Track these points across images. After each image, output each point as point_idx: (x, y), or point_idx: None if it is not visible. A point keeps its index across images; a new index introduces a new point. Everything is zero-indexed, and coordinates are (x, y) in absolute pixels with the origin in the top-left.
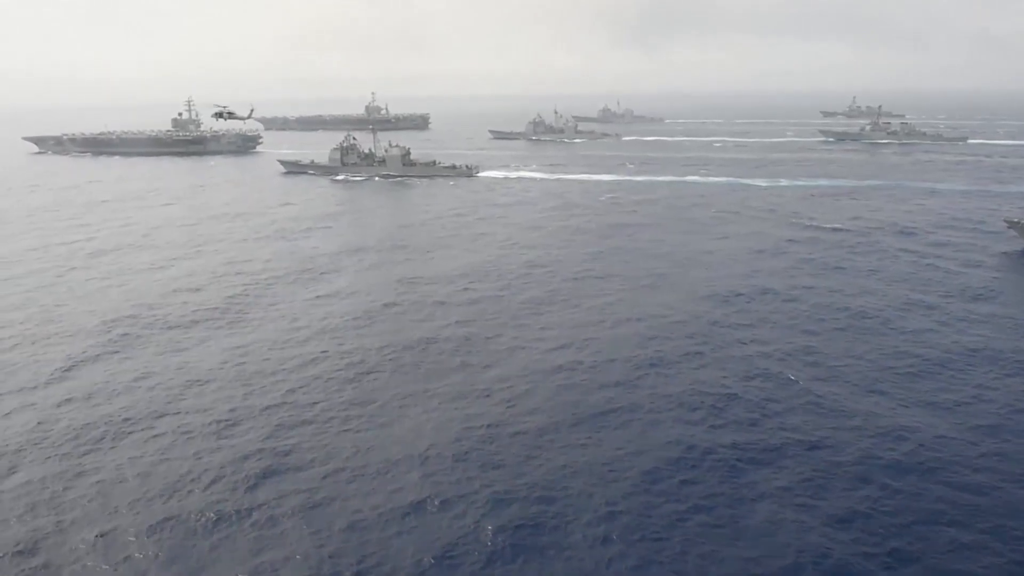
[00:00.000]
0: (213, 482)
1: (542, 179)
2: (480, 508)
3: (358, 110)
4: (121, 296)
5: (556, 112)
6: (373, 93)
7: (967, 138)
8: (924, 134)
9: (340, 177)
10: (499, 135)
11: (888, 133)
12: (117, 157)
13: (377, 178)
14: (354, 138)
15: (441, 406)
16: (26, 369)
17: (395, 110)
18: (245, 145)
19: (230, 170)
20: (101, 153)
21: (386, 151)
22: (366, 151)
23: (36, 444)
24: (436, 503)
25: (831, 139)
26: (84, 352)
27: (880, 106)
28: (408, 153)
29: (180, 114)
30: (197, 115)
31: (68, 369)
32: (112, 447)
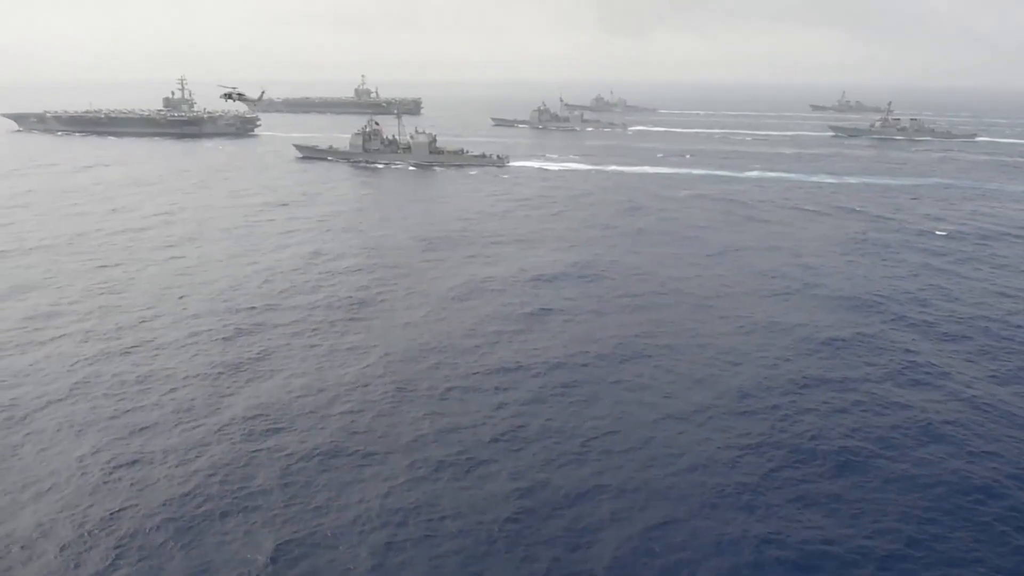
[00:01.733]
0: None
1: (582, 170)
2: None
3: (347, 93)
4: (239, 293)
5: (561, 101)
6: (363, 76)
7: (976, 135)
8: (933, 131)
9: (365, 164)
10: (501, 123)
11: (898, 130)
12: (109, 137)
13: (396, 164)
14: (376, 123)
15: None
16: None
17: (385, 94)
18: (244, 127)
19: (240, 154)
20: (88, 133)
21: (412, 137)
22: (390, 137)
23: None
24: None
25: (842, 135)
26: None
27: (890, 102)
28: (434, 140)
29: (172, 93)
30: (191, 95)
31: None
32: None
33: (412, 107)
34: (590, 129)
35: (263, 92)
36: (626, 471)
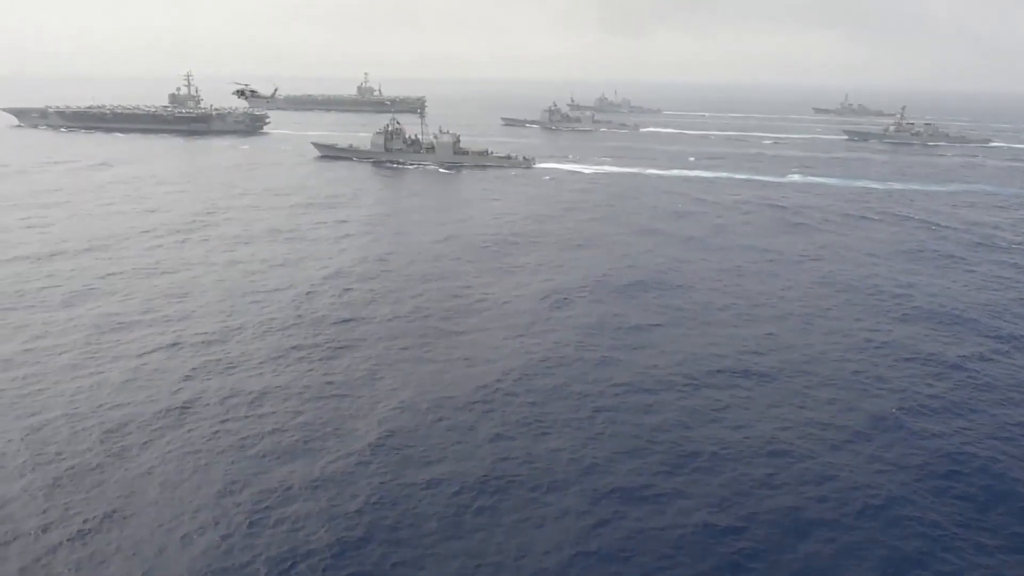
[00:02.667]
0: None
1: (615, 173)
2: None
3: (349, 91)
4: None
5: (572, 101)
6: (366, 73)
7: (990, 140)
8: (948, 135)
9: (388, 163)
10: (512, 122)
11: (912, 134)
12: (116, 134)
13: (419, 165)
14: (398, 122)
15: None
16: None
17: (388, 91)
18: (253, 125)
19: (257, 152)
20: (93, 129)
21: (435, 137)
22: (412, 137)
23: None
24: None
25: (856, 138)
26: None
27: (904, 107)
28: (458, 140)
29: (178, 89)
30: (197, 91)
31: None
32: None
33: (416, 105)
34: (604, 130)
35: (276, 89)
36: (816, 499)
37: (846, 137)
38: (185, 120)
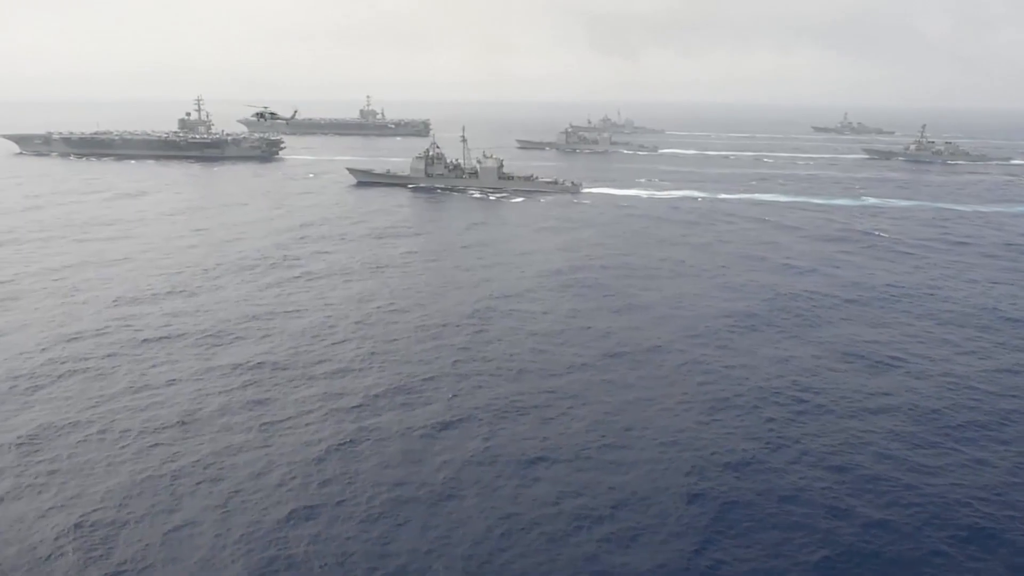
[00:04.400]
0: None
1: (673, 198)
2: None
3: (351, 114)
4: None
5: (590, 121)
6: (368, 96)
7: (1011, 158)
8: (968, 154)
9: (428, 189)
10: (527, 145)
11: (933, 152)
12: (129, 161)
13: (462, 191)
14: (438, 147)
15: None
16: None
17: (391, 115)
18: (269, 150)
19: (288, 179)
20: (100, 156)
21: (479, 162)
22: (454, 161)
23: None
24: None
25: (876, 156)
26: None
27: (924, 125)
28: (502, 165)
29: (188, 114)
30: (208, 116)
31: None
32: None
33: (421, 128)
34: (628, 152)
35: (296, 111)
36: None
37: (866, 156)
38: (198, 146)
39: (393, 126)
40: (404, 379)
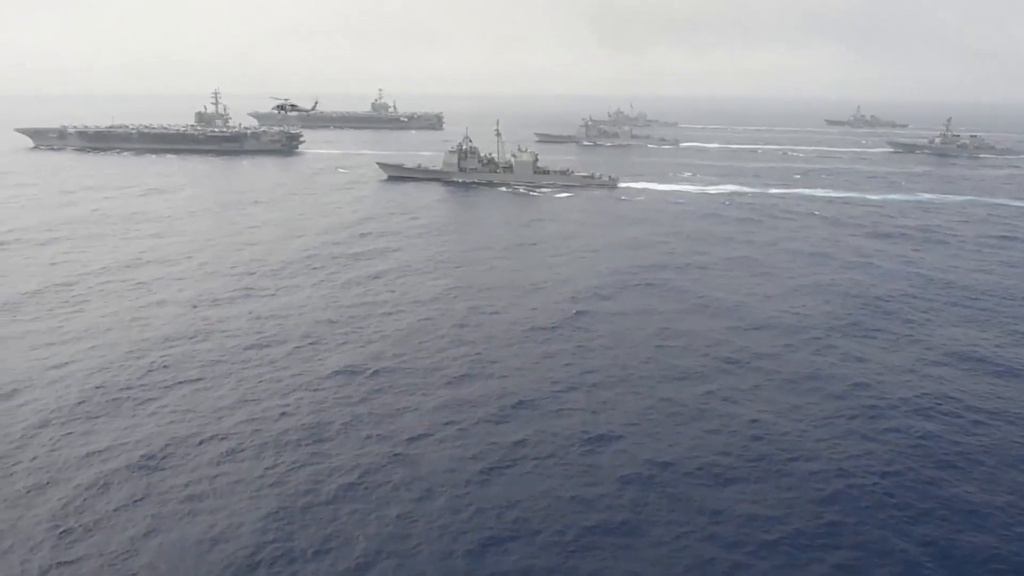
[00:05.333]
0: None
1: (720, 193)
2: None
3: (363, 107)
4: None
5: (610, 115)
6: (380, 90)
7: None
8: (994, 148)
9: (462, 184)
10: (547, 138)
11: (958, 146)
12: (148, 155)
13: (489, 186)
14: (471, 140)
15: None
16: None
17: (403, 108)
18: (289, 144)
19: (317, 174)
20: (118, 150)
21: (514, 156)
22: (487, 156)
23: None
24: None
25: (901, 150)
26: None
27: (950, 118)
28: (536, 159)
29: (205, 108)
30: (225, 110)
31: None
32: None
33: (434, 122)
34: (652, 146)
35: (316, 103)
36: None
37: (891, 149)
38: (217, 140)
39: (406, 119)
40: (535, 388)
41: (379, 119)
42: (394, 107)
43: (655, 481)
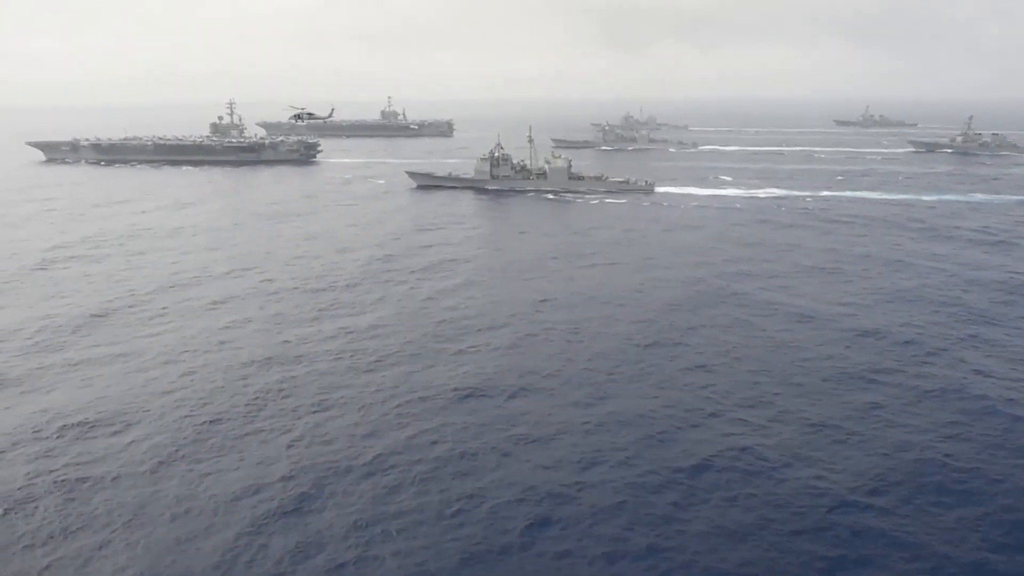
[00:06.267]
0: None
1: (770, 197)
2: None
3: (372, 115)
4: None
5: (628, 117)
6: (389, 97)
7: None
8: (1015, 146)
9: (495, 191)
10: (562, 144)
11: (980, 144)
12: (164, 167)
13: (525, 193)
14: (502, 147)
15: None
16: None
17: (413, 115)
18: (307, 153)
19: (345, 183)
20: (129, 162)
21: (547, 163)
22: (520, 163)
23: None
24: None
25: (923, 150)
26: None
27: (971, 116)
28: (570, 165)
29: (220, 118)
30: (240, 119)
31: None
32: None
33: (445, 129)
34: (672, 150)
35: (332, 110)
36: None
37: (912, 149)
38: (234, 150)
39: (416, 127)
40: (688, 409)
41: (390, 127)
42: (403, 115)
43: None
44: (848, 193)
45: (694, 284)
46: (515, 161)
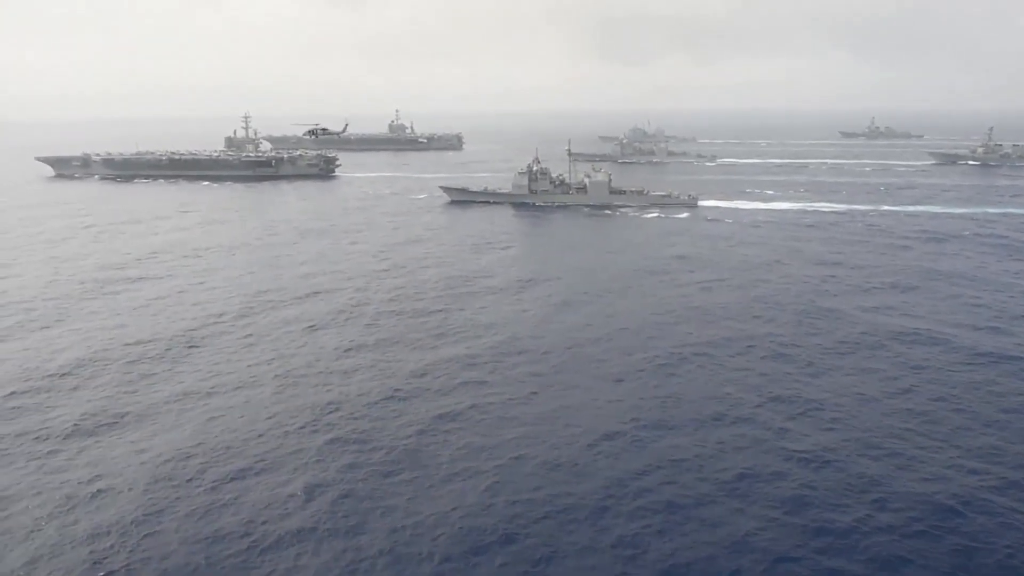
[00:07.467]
0: None
1: (823, 210)
2: None
3: (380, 129)
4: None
5: (636, 129)
6: (397, 111)
7: None
8: None
9: (533, 206)
10: (579, 157)
11: (1001, 156)
12: (180, 181)
13: (563, 208)
14: (540, 162)
15: None
16: None
17: (421, 128)
18: (327, 168)
19: (375, 199)
20: (145, 178)
21: (588, 177)
22: (559, 177)
23: None
24: None
25: (942, 161)
26: None
27: (992, 128)
28: (610, 179)
29: (235, 132)
30: (256, 134)
31: None
32: None
33: (454, 143)
34: (692, 162)
35: (346, 124)
36: None
37: (932, 160)
38: (252, 164)
39: (425, 140)
40: (825, 442)
41: (398, 140)
42: (411, 128)
43: None
44: (910, 208)
45: (775, 301)
46: (554, 175)
